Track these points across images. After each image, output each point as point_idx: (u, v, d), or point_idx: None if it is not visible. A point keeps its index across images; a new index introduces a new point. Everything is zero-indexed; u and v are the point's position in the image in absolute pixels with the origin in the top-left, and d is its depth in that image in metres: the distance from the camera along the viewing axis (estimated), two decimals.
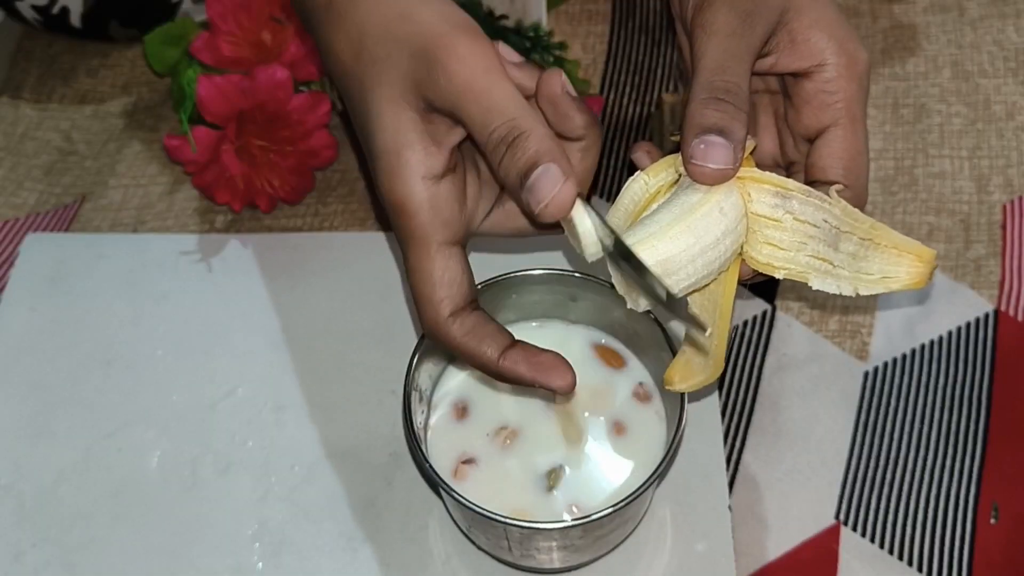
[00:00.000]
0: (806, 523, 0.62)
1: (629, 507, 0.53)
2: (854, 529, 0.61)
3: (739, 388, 0.66)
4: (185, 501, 0.63)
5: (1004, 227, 0.72)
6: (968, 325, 0.68)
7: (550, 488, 0.56)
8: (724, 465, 0.63)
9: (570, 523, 0.52)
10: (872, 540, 0.61)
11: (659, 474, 0.53)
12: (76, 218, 0.76)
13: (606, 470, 0.57)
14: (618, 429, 0.58)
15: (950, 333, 0.68)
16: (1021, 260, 0.70)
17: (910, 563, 0.60)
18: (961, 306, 0.69)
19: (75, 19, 0.81)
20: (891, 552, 0.61)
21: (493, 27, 0.78)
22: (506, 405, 0.59)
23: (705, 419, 0.64)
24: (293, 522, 0.62)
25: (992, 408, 0.65)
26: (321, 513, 0.62)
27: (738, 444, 0.64)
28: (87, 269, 0.72)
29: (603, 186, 0.76)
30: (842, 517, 0.62)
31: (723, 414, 0.65)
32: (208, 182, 0.72)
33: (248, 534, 0.61)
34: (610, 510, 0.52)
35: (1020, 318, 0.68)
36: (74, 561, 0.61)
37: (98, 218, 0.75)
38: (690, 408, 0.55)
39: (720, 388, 0.66)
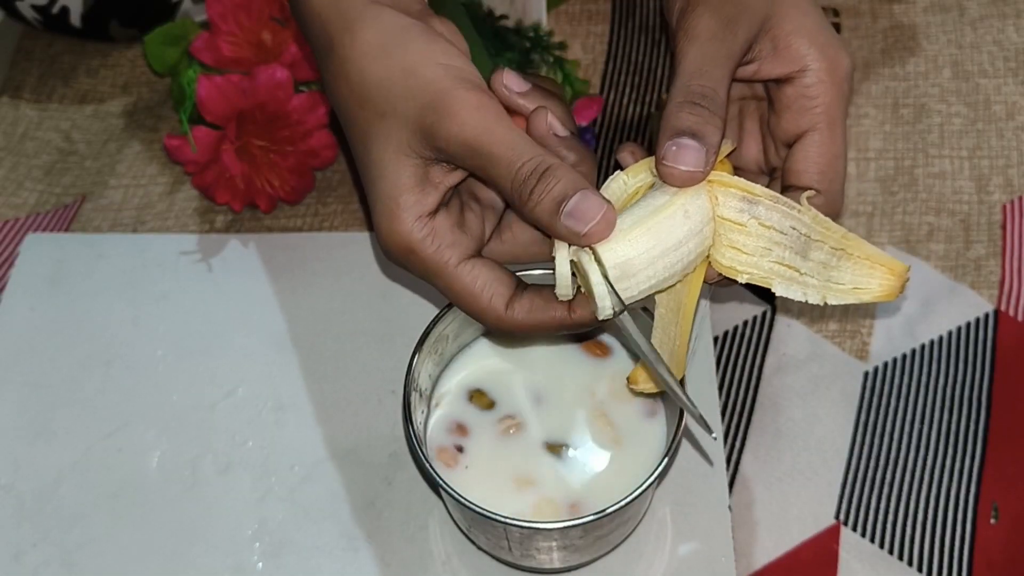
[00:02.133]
0: (806, 523, 0.62)
1: (629, 507, 0.53)
2: (854, 529, 0.61)
3: (739, 388, 0.66)
4: (185, 501, 0.63)
5: (1004, 227, 0.72)
6: (968, 325, 0.68)
7: (553, 453, 0.57)
8: (724, 465, 0.63)
9: (570, 523, 0.52)
10: (872, 540, 0.61)
11: (659, 474, 0.53)
12: (76, 218, 0.76)
13: (605, 469, 0.57)
14: (617, 429, 0.58)
15: (950, 333, 0.68)
16: (1021, 260, 0.70)
17: (910, 563, 0.60)
18: (961, 306, 0.69)
19: (75, 19, 0.81)
20: (891, 552, 0.61)
21: (493, 27, 0.78)
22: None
23: (705, 419, 0.64)
24: (293, 522, 0.62)
25: (992, 408, 0.65)
26: (321, 513, 0.62)
27: (738, 444, 0.64)
28: (87, 269, 0.72)
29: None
30: (842, 517, 0.62)
31: (723, 414, 0.65)
32: (208, 182, 0.72)
33: (248, 534, 0.61)
34: (610, 510, 0.52)
35: (1020, 318, 0.68)
36: (74, 561, 0.61)
37: (98, 218, 0.76)
38: None
39: (720, 388, 0.66)
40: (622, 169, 0.52)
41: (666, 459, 0.54)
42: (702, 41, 0.50)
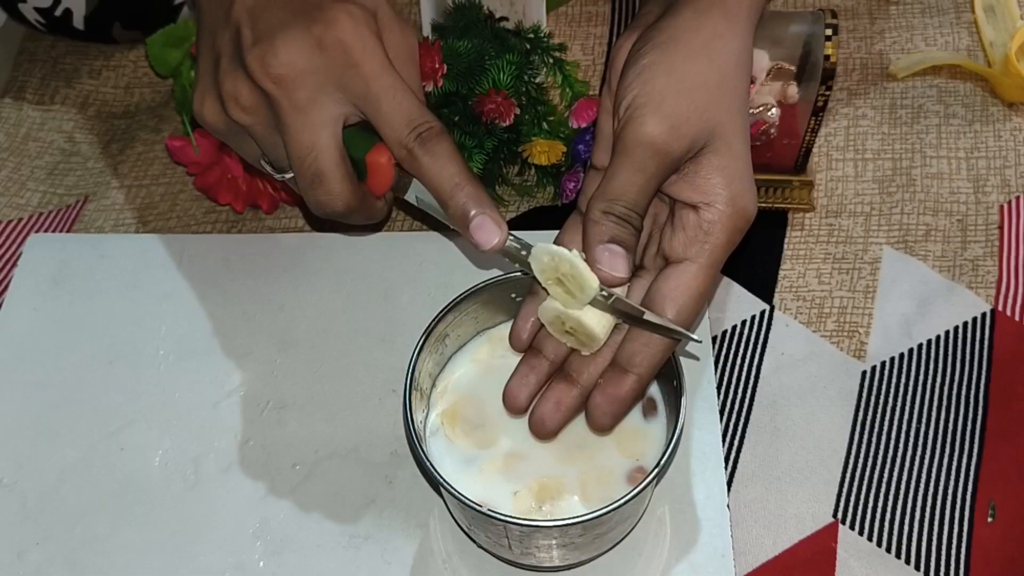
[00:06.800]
0: (804, 521, 0.62)
1: (629, 505, 0.53)
2: (852, 527, 0.62)
3: (738, 387, 0.67)
4: (187, 500, 0.63)
5: (1001, 227, 0.72)
6: (965, 325, 0.68)
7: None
8: (723, 464, 0.63)
9: (570, 521, 0.53)
10: (870, 538, 0.61)
11: (659, 473, 0.54)
12: (79, 218, 0.76)
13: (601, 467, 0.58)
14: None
15: (947, 333, 0.68)
16: (1018, 260, 0.71)
17: (908, 561, 0.61)
18: (958, 306, 0.69)
19: (78, 21, 0.81)
20: (889, 550, 0.61)
21: (493, 29, 0.78)
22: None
23: (704, 418, 0.64)
24: (295, 520, 0.62)
25: (989, 407, 0.65)
26: (322, 511, 0.62)
27: (736, 443, 0.65)
28: (90, 269, 0.72)
29: None
30: (840, 515, 0.62)
31: (722, 413, 0.66)
32: (210, 183, 0.72)
33: (250, 532, 0.62)
34: (610, 508, 0.52)
35: (1017, 318, 0.68)
36: (76, 559, 0.61)
37: (100, 218, 0.76)
38: (689, 408, 0.56)
39: (719, 387, 0.67)
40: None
41: (665, 458, 0.54)
42: (636, 159, 0.52)
